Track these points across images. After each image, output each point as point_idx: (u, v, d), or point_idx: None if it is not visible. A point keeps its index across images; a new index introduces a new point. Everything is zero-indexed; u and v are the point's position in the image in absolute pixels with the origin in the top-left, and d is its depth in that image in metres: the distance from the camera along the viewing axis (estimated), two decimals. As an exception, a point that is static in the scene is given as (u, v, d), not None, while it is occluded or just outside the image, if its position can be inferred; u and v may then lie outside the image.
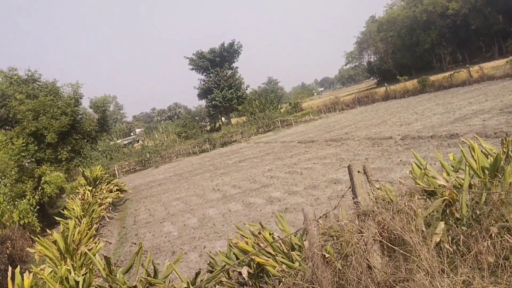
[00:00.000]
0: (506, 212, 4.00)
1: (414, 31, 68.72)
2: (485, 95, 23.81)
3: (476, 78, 33.68)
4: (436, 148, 13.26)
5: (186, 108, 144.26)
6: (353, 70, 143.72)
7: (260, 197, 13.23)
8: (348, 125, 28.07)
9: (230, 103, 65.34)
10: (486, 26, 62.04)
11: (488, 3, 60.01)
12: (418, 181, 5.46)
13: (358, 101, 45.82)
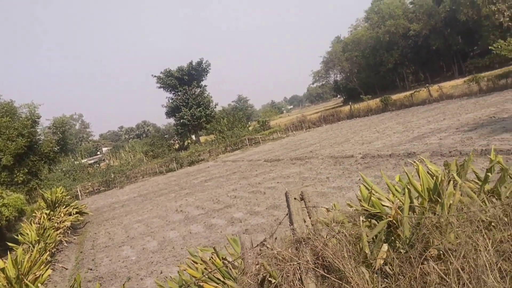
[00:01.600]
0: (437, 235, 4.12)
1: (378, 51, 70.87)
2: (443, 114, 24.67)
3: (436, 97, 34.90)
4: (393, 167, 13.60)
5: (155, 126, 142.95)
6: (320, 88, 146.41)
7: (222, 218, 13.15)
8: (313, 143, 28.41)
9: (199, 121, 65.10)
10: (446, 47, 64.64)
11: (447, 25, 62.67)
12: (364, 203, 5.57)
13: (324, 119, 46.57)
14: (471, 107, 24.78)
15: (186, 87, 65.86)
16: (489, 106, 22.76)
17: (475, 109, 23.01)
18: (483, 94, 29.96)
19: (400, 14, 67.81)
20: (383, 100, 40.24)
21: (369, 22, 75.45)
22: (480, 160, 11.41)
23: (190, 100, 65.16)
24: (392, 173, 12.52)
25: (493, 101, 24.68)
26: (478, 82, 31.43)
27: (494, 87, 29.89)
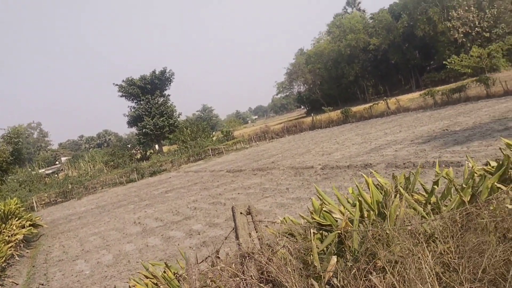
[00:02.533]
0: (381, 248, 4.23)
1: (339, 64, 72.53)
2: (400, 126, 25.45)
3: (394, 110, 35.99)
4: (350, 178, 13.87)
5: (117, 135, 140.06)
6: (285, 99, 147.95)
7: (180, 230, 12.99)
8: (275, 154, 28.61)
9: (162, 131, 64.31)
10: (404, 61, 66.94)
11: (405, 40, 64.97)
12: (315, 216, 5.65)
13: (287, 130, 47.05)
14: (426, 119, 25.69)
15: (149, 96, 65.02)
16: (443, 119, 23.67)
17: (429, 122, 23.87)
18: (438, 107, 31.16)
19: (361, 29, 69.82)
20: (344, 112, 41.13)
21: (331, 35, 77.25)
22: (432, 172, 11.80)
23: (153, 110, 64.33)
24: (349, 184, 12.76)
25: (447, 114, 25.69)
26: (433, 96, 32.66)
27: (448, 100, 31.14)
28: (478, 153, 12.59)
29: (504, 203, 4.26)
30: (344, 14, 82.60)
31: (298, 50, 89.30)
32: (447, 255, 4.07)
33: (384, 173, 13.48)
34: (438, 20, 58.18)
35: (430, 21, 58.90)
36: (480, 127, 17.58)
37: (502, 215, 4.09)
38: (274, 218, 10.59)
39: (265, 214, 12.12)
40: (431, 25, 58.96)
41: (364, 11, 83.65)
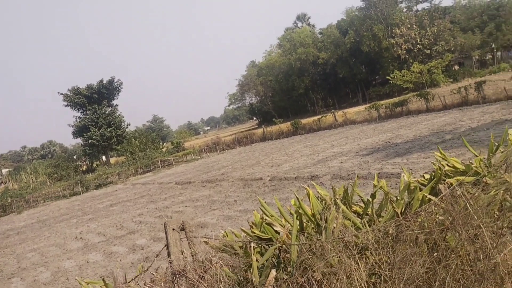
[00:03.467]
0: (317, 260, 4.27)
1: (290, 76, 73.86)
2: (346, 138, 26.16)
3: (341, 122, 36.99)
4: (297, 189, 14.00)
5: (63, 146, 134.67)
6: (237, 110, 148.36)
7: (123, 245, 12.58)
8: (225, 166, 28.51)
9: (109, 142, 62.52)
10: (352, 75, 69.20)
11: (352, 55, 67.25)
12: (255, 229, 5.63)
13: (238, 141, 47.11)
14: (370, 132, 26.58)
15: (96, 106, 63.14)
16: (386, 131, 24.58)
17: (373, 134, 24.71)
18: (382, 120, 32.35)
19: (310, 43, 71.60)
20: (294, 124, 41.79)
21: (282, 49, 78.60)
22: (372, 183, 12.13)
23: (100, 120, 62.49)
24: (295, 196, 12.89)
25: (390, 127, 26.72)
26: (377, 109, 33.89)
27: (391, 114, 32.43)
28: (417, 164, 13.12)
29: (432, 214, 4.44)
30: (294, 29, 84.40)
31: (250, 62, 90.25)
32: (378, 267, 4.16)
33: (329, 184, 13.76)
34: (383, 36, 60.74)
35: (375, 38, 61.36)
36: (420, 139, 18.38)
37: (430, 227, 4.25)
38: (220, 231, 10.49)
39: (211, 227, 11.99)
40: (376, 41, 61.43)
41: (314, 26, 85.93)
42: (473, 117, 21.68)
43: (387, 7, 61.82)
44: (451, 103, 28.63)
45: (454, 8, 73.11)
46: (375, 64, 66.04)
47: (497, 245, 4.00)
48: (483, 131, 16.55)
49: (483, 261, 3.95)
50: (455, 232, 4.19)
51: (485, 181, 5.79)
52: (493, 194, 5.31)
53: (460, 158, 11.81)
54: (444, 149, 14.71)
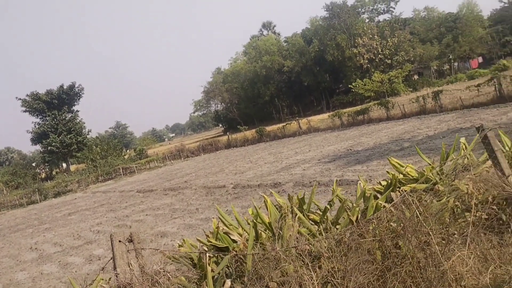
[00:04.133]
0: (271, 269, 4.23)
1: (256, 84, 74.20)
2: (310, 146, 26.42)
3: (305, 130, 37.40)
4: (259, 197, 14.00)
5: (21, 153, 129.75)
6: (202, 117, 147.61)
7: (80, 256, 12.15)
8: (189, 173, 28.21)
9: (69, 149, 60.71)
10: (316, 83, 70.22)
11: (317, 63, 68.32)
12: (211, 238, 5.53)
13: (203, 148, 46.81)
14: (333, 139, 26.97)
15: (56, 112, 61.27)
16: (348, 139, 25.00)
17: (336, 142, 25.08)
18: (344, 128, 32.92)
19: (275, 51, 72.26)
20: (259, 131, 41.91)
21: (248, 56, 78.94)
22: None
23: (60, 126, 60.65)
24: (258, 204, 12.84)
25: (352, 134, 27.20)
26: (340, 117, 34.49)
27: (353, 121, 33.08)
28: (376, 172, 13.38)
29: (383, 222, 4.49)
30: (260, 36, 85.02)
31: (215, 69, 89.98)
32: (331, 276, 4.16)
33: (291, 191, 13.79)
34: (346, 46, 62.04)
35: (338, 47, 62.59)
36: (380, 147, 18.77)
37: (381, 234, 4.29)
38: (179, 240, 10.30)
39: (171, 236, 11.77)
40: (339, 50, 62.66)
41: (279, 34, 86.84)
42: (431, 125, 22.37)
43: (349, 18, 63.27)
44: (410, 111, 29.48)
45: (414, 20, 75.67)
46: (339, 72, 67.31)
47: (446, 252, 4.08)
48: (440, 139, 17.08)
49: (432, 268, 4.02)
50: (405, 239, 4.25)
51: (437, 188, 5.93)
52: (445, 201, 5.45)
53: (417, 166, 12.10)
54: (402, 157, 15.07)
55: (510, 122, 16.66)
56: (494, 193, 4.85)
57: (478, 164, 5.81)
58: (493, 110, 22.21)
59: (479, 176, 5.33)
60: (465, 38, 64.24)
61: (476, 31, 65.59)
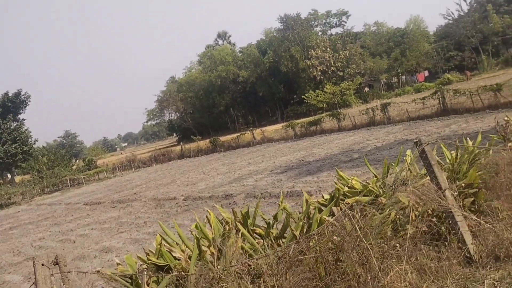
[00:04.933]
0: None
1: (211, 93, 73.97)
2: (263, 156, 26.48)
3: (259, 140, 37.53)
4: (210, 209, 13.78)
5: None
6: (156, 126, 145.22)
7: (19, 273, 11.44)
8: (139, 185, 27.51)
9: (14, 159, 57.74)
10: (271, 94, 70.91)
11: (271, 74, 69.05)
12: (151, 256, 5.30)
13: (155, 159, 45.89)
14: (286, 150, 27.18)
15: (0, 121, 58.20)
16: (300, 150, 25.27)
17: (289, 152, 25.28)
18: (297, 139, 33.30)
19: (230, 61, 72.48)
20: (212, 141, 41.65)
21: (203, 65, 78.68)
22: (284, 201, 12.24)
23: (4, 135, 57.64)
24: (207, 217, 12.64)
25: (304, 145, 27.53)
26: (293, 128, 34.90)
27: (306, 132, 33.55)
28: (326, 183, 13.52)
29: (324, 237, 4.45)
30: (215, 46, 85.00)
31: (169, 77, 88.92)
32: (272, 294, 4.06)
33: (242, 203, 13.68)
34: (300, 58, 63.17)
35: (292, 58, 63.63)
36: (330, 158, 19.08)
37: (321, 250, 4.25)
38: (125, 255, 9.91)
39: (116, 252, 11.32)
40: (293, 62, 63.69)
41: (234, 45, 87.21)
42: (379, 136, 23.02)
43: (303, 30, 64.54)
44: (360, 123, 30.27)
45: (365, 34, 78.29)
46: (293, 83, 68.29)
47: (385, 268, 4.08)
48: (387, 150, 17.57)
49: (371, 283, 4.01)
50: (346, 254, 4.23)
51: (380, 200, 5.99)
52: (387, 213, 5.50)
53: (366, 176, 12.35)
54: (352, 168, 15.36)
55: (452, 134, 17.42)
56: (433, 205, 4.95)
57: (421, 176, 5.92)
58: (437, 122, 23.20)
59: (420, 189, 5.42)
60: (412, 52, 67.12)
61: (422, 46, 68.70)
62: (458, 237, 4.52)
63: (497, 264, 3.69)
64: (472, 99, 23.84)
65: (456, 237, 4.57)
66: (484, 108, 22.69)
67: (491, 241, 3.88)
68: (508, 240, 3.62)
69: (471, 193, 5.53)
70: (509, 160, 4.75)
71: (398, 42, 69.61)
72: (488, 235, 4.14)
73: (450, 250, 4.41)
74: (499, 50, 68.07)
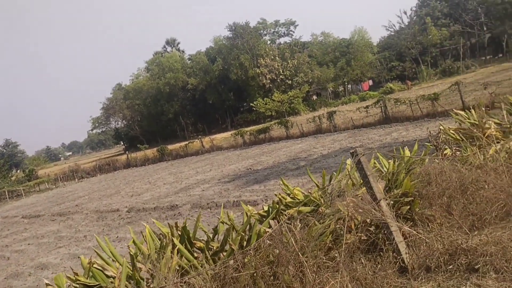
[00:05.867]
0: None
1: (159, 101, 72.65)
2: (211, 165, 26.21)
3: (208, 148, 37.17)
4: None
5: None
6: (102, 135, 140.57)
7: None
8: (82, 196, 26.40)
9: None
10: (221, 101, 70.61)
11: (221, 82, 68.86)
12: (81, 277, 5.00)
13: (100, 168, 44.29)
14: (234, 158, 27.06)
15: None
16: (249, 158, 25.24)
17: (237, 161, 25.18)
18: (246, 147, 33.27)
19: (179, 68, 71.64)
20: (160, 150, 40.77)
21: (150, 72, 77.23)
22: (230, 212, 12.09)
23: None
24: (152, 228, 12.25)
25: (253, 153, 27.54)
26: (242, 136, 34.85)
27: (255, 140, 33.60)
28: (272, 191, 13.49)
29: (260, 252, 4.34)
30: (163, 53, 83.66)
31: (116, 84, 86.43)
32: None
33: (187, 214, 13.41)
34: (249, 66, 63.48)
35: (242, 66, 63.81)
36: (278, 166, 19.16)
37: (257, 266, 4.14)
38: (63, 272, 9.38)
39: (53, 269, 10.71)
40: (243, 70, 63.87)
41: (183, 52, 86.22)
42: (325, 144, 23.45)
43: (252, 39, 64.97)
44: (308, 130, 30.72)
45: (312, 44, 79.97)
46: (243, 91, 68.43)
47: (321, 281, 4.03)
48: (332, 158, 17.90)
49: (308, 297, 3.94)
50: (283, 268, 4.15)
51: (321, 210, 5.99)
52: (327, 223, 5.49)
53: (311, 185, 12.45)
54: (298, 176, 15.49)
55: (393, 142, 18.01)
56: (369, 216, 4.99)
57: (361, 184, 5.96)
58: (380, 130, 23.97)
59: (358, 198, 5.44)
60: (357, 62, 69.34)
61: (367, 56, 71.19)
62: (393, 247, 4.57)
63: (428, 275, 3.73)
64: (412, 108, 24.86)
65: (391, 247, 4.61)
66: (423, 116, 23.73)
67: (422, 252, 3.94)
68: (439, 251, 3.68)
69: (407, 201, 5.65)
70: (440, 170, 4.88)
71: (344, 52, 71.69)
72: (420, 245, 4.20)
73: (386, 260, 4.44)
74: (437, 60, 71.81)
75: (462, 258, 3.52)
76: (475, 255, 3.45)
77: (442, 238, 3.81)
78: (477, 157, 6.44)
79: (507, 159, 6.13)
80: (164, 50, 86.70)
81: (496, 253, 3.35)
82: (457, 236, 3.83)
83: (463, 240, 3.66)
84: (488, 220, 4.86)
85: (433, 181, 4.92)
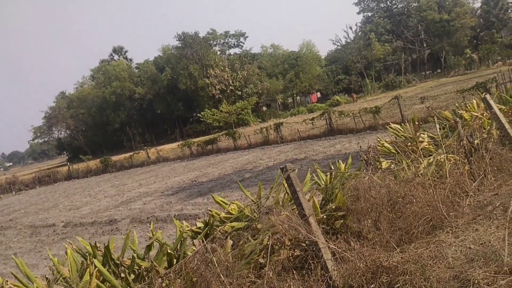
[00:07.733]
0: None
1: (105, 110, 70.53)
2: (156, 177, 25.57)
3: (154, 159, 36.33)
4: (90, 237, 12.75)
5: None
6: (45, 145, 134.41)
7: None
8: (17, 210, 24.91)
9: None
10: (169, 111, 69.61)
11: (170, 91, 67.96)
12: (-11, 305, 4.58)
13: (39, 180, 42.10)
14: (180, 170, 26.56)
15: None
16: (195, 169, 24.86)
17: (183, 172, 24.72)
18: (193, 158, 32.81)
19: (126, 77, 70.02)
20: (103, 161, 39.38)
21: (96, 81, 74.95)
22: (172, 227, 11.79)
23: None
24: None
25: (199, 165, 27.17)
26: (189, 147, 34.37)
27: (203, 151, 33.22)
28: (215, 205, 13.25)
29: (184, 274, 4.15)
30: (110, 61, 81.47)
31: (59, 93, 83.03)
32: None
33: (126, 229, 12.88)
34: (198, 76, 63.10)
35: (191, 76, 63.32)
36: (223, 178, 18.96)
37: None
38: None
39: (-27, 292, 9.85)
40: (192, 80, 63.39)
41: (131, 60, 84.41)
42: (272, 156, 23.53)
43: (202, 49, 64.75)
44: (255, 142, 30.75)
45: (262, 55, 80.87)
46: (192, 101, 67.79)
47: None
48: (277, 169, 17.83)
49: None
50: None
51: (255, 226, 5.85)
52: (260, 239, 5.37)
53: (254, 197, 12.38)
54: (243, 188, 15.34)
55: (336, 153, 18.35)
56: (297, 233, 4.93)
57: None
58: (324, 142, 24.39)
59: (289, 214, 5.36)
60: (305, 75, 70.79)
61: (314, 69, 72.87)
62: (321, 264, 4.52)
63: (352, 294, 3.68)
64: (355, 120, 25.53)
65: (320, 264, 4.56)
66: (365, 129, 24.41)
67: (345, 270, 3.89)
68: (361, 270, 3.64)
69: (340, 215, 5.66)
70: (368, 186, 4.91)
71: (292, 65, 72.97)
72: (347, 262, 4.16)
73: (314, 278, 4.37)
74: (381, 74, 74.88)
75: (383, 276, 3.50)
76: (396, 274, 3.45)
77: (365, 256, 3.78)
78: (408, 171, 6.59)
79: (434, 173, 6.30)
80: (111, 58, 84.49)
81: (415, 272, 3.35)
82: (379, 254, 3.81)
83: (385, 258, 3.64)
84: (415, 235, 4.93)
85: (362, 196, 4.94)
